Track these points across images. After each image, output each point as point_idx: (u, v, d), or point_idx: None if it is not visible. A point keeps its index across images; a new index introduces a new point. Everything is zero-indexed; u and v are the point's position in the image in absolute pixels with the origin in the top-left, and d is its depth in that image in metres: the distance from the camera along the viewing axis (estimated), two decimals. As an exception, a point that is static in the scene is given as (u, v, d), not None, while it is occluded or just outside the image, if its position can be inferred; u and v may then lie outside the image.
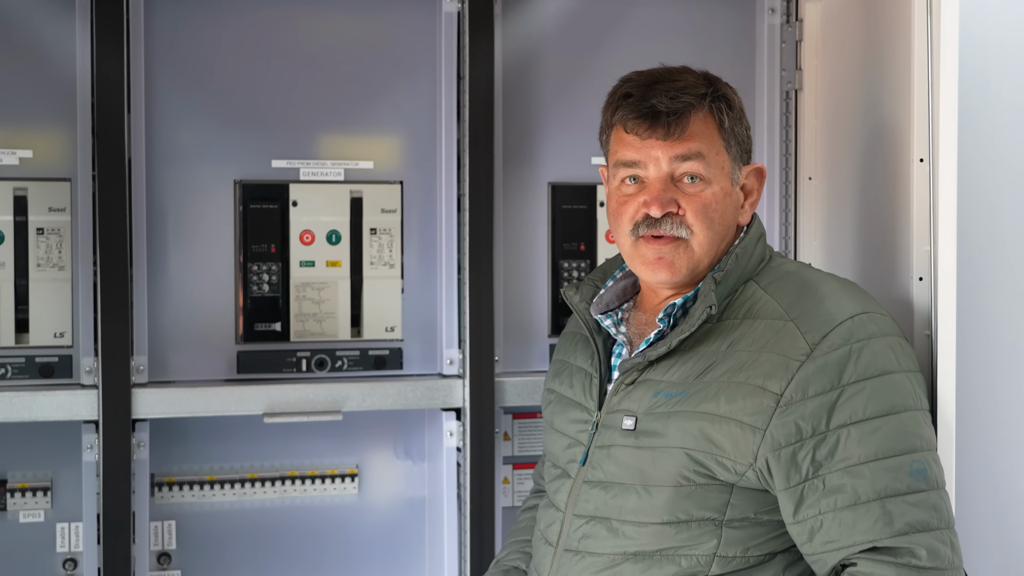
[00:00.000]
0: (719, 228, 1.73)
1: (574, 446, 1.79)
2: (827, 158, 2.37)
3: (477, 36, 2.33)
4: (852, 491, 1.55)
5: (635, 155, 1.73)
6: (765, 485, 1.61)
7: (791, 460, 1.58)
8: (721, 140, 1.74)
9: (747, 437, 1.60)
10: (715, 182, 1.72)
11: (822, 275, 1.76)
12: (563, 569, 1.73)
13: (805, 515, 1.58)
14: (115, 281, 2.18)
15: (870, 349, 1.61)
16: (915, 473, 1.57)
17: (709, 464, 1.62)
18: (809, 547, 1.59)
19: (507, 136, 2.41)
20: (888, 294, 1.98)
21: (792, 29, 2.50)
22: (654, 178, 1.72)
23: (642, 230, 1.72)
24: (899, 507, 1.54)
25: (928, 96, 1.88)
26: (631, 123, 1.73)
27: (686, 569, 1.64)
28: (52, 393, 2.18)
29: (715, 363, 1.66)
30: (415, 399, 2.34)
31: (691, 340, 1.70)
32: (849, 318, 1.63)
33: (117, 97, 2.18)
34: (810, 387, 1.58)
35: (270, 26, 2.33)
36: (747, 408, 1.60)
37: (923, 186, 1.90)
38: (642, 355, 1.72)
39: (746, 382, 1.61)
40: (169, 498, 2.40)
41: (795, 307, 1.66)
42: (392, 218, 2.38)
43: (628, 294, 1.89)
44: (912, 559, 1.53)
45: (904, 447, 1.57)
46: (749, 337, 1.66)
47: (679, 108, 1.70)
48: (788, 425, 1.58)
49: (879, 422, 1.57)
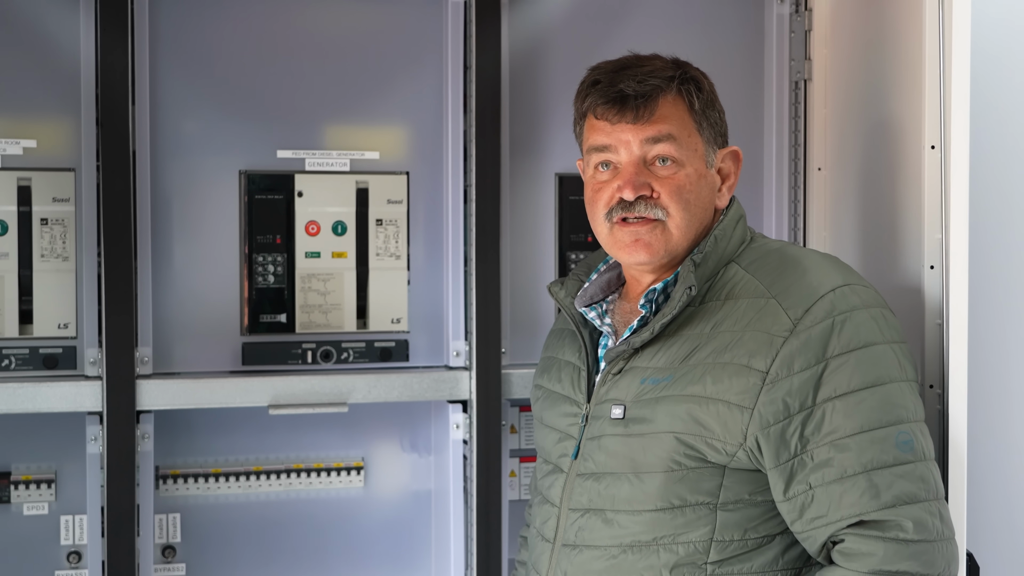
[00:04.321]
0: (695, 210, 1.73)
1: (565, 440, 1.79)
2: (836, 148, 2.36)
3: (484, 26, 2.32)
4: (839, 465, 1.55)
5: (606, 139, 1.74)
6: (756, 464, 1.61)
7: (780, 437, 1.58)
8: (693, 122, 1.74)
9: (735, 417, 1.60)
10: (688, 164, 1.72)
11: (803, 251, 1.76)
12: (562, 564, 1.73)
13: (795, 492, 1.58)
14: (119, 272, 2.17)
15: (853, 321, 1.60)
16: (901, 444, 1.56)
17: (699, 447, 1.62)
18: (799, 524, 1.59)
19: (514, 127, 2.40)
20: (899, 283, 1.96)
21: (801, 19, 2.48)
22: (626, 162, 1.72)
23: (617, 213, 1.73)
24: (886, 479, 1.54)
25: (940, 83, 1.87)
26: (600, 109, 1.74)
27: (684, 557, 1.63)
28: (56, 384, 2.17)
29: (700, 345, 1.66)
30: (421, 391, 2.33)
31: (675, 324, 1.70)
32: (831, 291, 1.63)
33: (121, 87, 2.17)
34: (795, 363, 1.58)
35: (275, 15, 2.32)
36: (734, 388, 1.60)
37: (934, 174, 1.89)
38: (626, 343, 1.72)
39: (731, 362, 1.61)
40: (174, 491, 2.39)
41: (776, 284, 1.66)
42: (398, 209, 2.37)
43: (613, 286, 1.89)
44: (899, 532, 1.53)
45: (890, 418, 1.57)
46: (732, 317, 1.66)
47: (647, 91, 1.71)
48: (776, 402, 1.58)
49: (864, 394, 1.57)
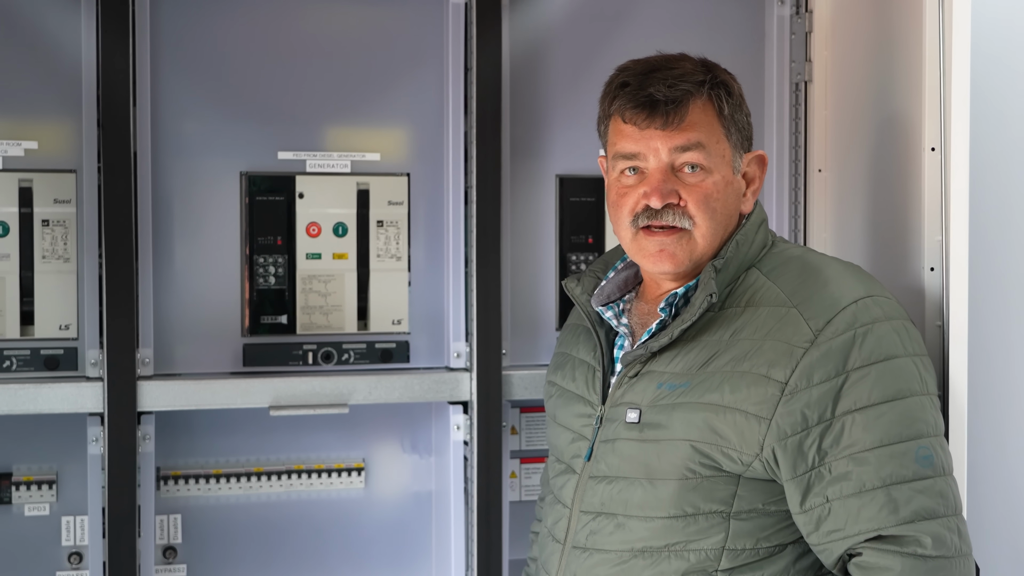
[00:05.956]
0: (721, 218, 1.72)
1: (578, 440, 1.78)
2: (837, 150, 2.36)
3: (485, 28, 2.32)
4: (857, 478, 1.54)
5: (634, 147, 1.72)
6: (772, 475, 1.60)
7: (798, 449, 1.56)
8: (721, 128, 1.72)
9: (753, 427, 1.58)
10: (716, 171, 1.71)
11: (825, 259, 1.74)
12: (571, 567, 1.72)
13: (811, 504, 1.56)
14: (121, 273, 2.17)
15: (875, 334, 1.59)
16: (921, 459, 1.55)
17: (715, 455, 1.61)
18: (816, 536, 1.58)
19: (515, 128, 2.40)
20: (899, 284, 1.96)
21: (802, 20, 2.48)
22: (654, 169, 1.71)
23: (642, 221, 1.71)
24: (905, 494, 1.53)
25: (940, 85, 1.87)
26: (629, 113, 1.72)
27: (695, 564, 1.62)
28: (57, 385, 2.17)
29: (718, 353, 1.64)
30: (422, 392, 2.33)
31: (693, 330, 1.68)
32: (853, 302, 1.61)
33: (122, 88, 2.18)
34: (815, 374, 1.57)
35: (277, 17, 2.32)
36: (752, 398, 1.59)
37: (935, 175, 1.89)
38: (644, 346, 1.70)
39: (750, 371, 1.60)
40: (175, 491, 2.39)
41: (798, 293, 1.64)
42: (399, 210, 2.37)
43: (630, 285, 1.87)
44: (918, 548, 1.52)
45: (910, 433, 1.56)
46: (752, 325, 1.64)
47: (677, 96, 1.69)
48: (794, 414, 1.56)
49: (884, 408, 1.56)
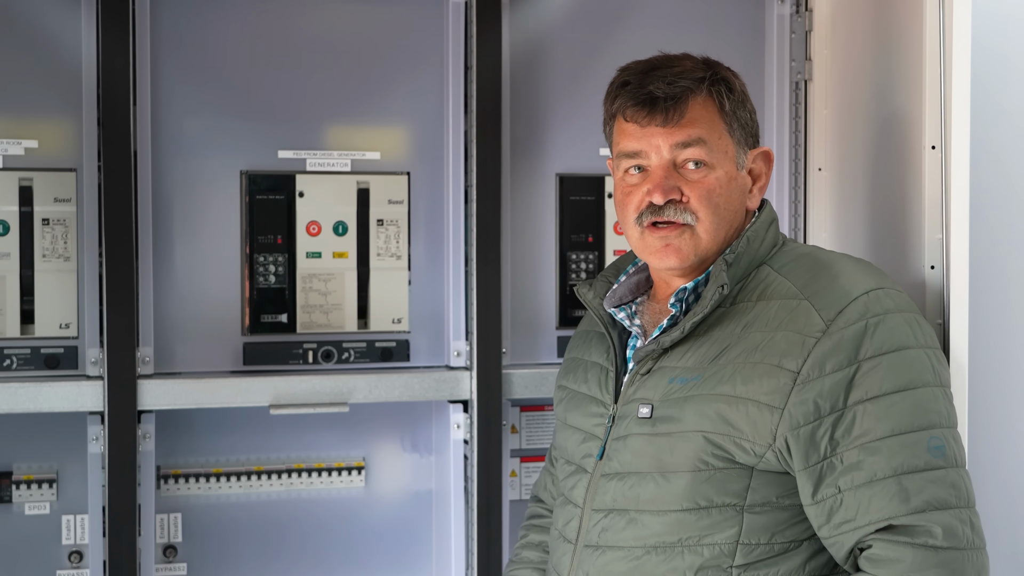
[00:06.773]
0: (725, 213, 1.72)
1: (589, 440, 1.78)
2: (837, 148, 2.36)
3: (485, 26, 2.32)
4: (868, 468, 1.53)
5: (636, 145, 1.72)
6: (785, 466, 1.59)
7: (810, 439, 1.56)
8: (723, 124, 1.72)
9: (765, 417, 1.58)
10: (719, 167, 1.71)
11: (836, 255, 1.75)
12: (584, 566, 1.71)
13: (823, 495, 1.56)
14: (121, 272, 2.17)
15: (886, 324, 1.59)
16: (933, 449, 1.55)
17: (727, 446, 1.61)
18: (827, 529, 1.57)
19: (515, 127, 2.40)
20: (900, 283, 1.95)
21: (802, 19, 2.48)
22: (656, 166, 1.71)
23: (646, 218, 1.72)
24: (916, 484, 1.52)
25: (940, 83, 1.87)
26: (630, 111, 1.72)
27: (709, 560, 1.61)
28: (57, 384, 2.17)
29: (730, 345, 1.64)
30: (422, 391, 2.33)
31: (705, 325, 1.69)
32: (864, 293, 1.62)
33: (123, 87, 2.18)
34: (827, 364, 1.57)
35: (277, 16, 2.32)
36: (764, 388, 1.59)
37: (935, 174, 1.89)
38: (656, 342, 1.70)
39: (762, 361, 1.60)
40: (175, 490, 2.39)
41: (809, 285, 1.65)
42: (399, 209, 2.37)
43: (642, 288, 1.87)
44: (928, 538, 1.51)
45: (922, 423, 1.55)
46: (763, 318, 1.64)
47: (677, 93, 1.69)
48: (806, 403, 1.56)
49: (896, 397, 1.55)
